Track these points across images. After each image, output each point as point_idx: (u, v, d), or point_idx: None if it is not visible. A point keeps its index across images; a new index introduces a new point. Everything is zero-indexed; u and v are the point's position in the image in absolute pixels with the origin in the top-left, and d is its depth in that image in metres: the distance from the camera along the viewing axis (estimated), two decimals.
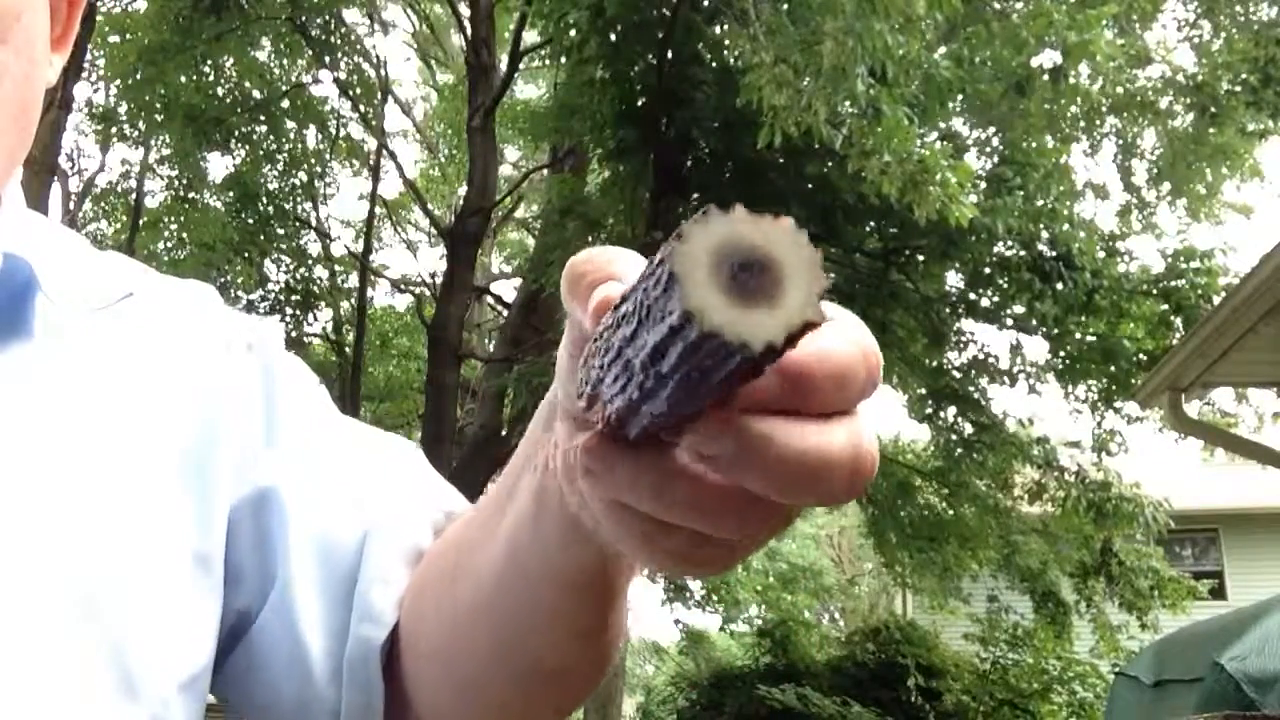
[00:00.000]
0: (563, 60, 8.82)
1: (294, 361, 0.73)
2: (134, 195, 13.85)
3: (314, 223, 13.81)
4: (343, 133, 13.75)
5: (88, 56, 10.71)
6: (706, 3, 7.83)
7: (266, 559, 0.62)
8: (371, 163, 14.09)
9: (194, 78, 11.26)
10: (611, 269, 0.36)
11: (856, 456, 0.31)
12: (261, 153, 12.50)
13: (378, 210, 14.46)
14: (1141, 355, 9.20)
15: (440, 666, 0.60)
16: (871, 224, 9.10)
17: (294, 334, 13.51)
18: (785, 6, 7.02)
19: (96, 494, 0.57)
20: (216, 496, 0.62)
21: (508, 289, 14.96)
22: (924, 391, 10.73)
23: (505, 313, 12.29)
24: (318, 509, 0.63)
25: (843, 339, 0.32)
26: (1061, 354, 9.93)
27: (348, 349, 13.65)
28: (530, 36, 11.08)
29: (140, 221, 13.35)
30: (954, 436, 10.63)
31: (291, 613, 0.61)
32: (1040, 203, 9.01)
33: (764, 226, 0.30)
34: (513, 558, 0.51)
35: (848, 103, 6.50)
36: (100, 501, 0.57)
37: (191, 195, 12.89)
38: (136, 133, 12.75)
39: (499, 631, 0.55)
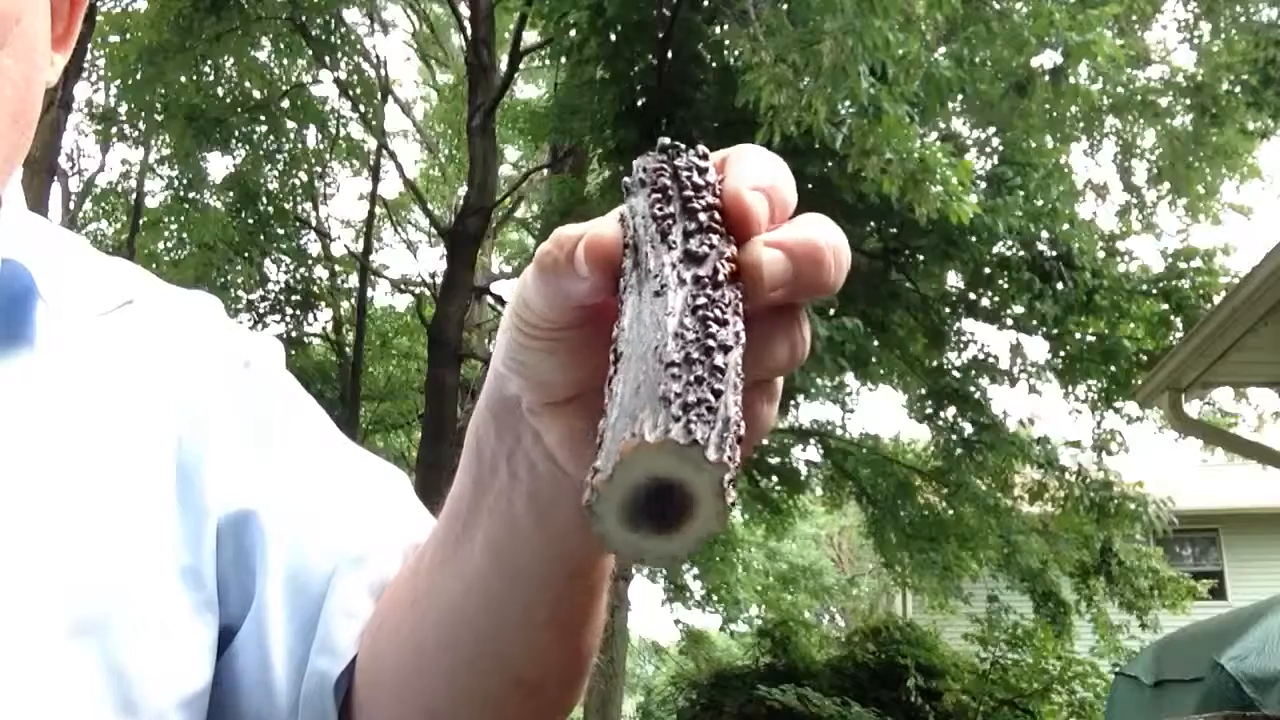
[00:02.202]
0: (563, 60, 8.83)
1: (290, 382, 0.72)
2: (134, 195, 13.85)
3: (314, 223, 13.82)
4: (343, 133, 13.75)
5: (88, 56, 10.71)
6: (706, 3, 7.83)
7: (245, 578, 0.61)
8: (371, 163, 14.09)
9: (194, 78, 11.25)
10: (578, 229, 0.40)
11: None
12: (261, 153, 12.49)
13: (378, 210, 14.46)
14: (1141, 355, 9.20)
15: (404, 696, 0.58)
16: (871, 224, 9.10)
17: (294, 334, 13.51)
18: (785, 6, 7.02)
19: (94, 509, 0.56)
20: (206, 512, 0.61)
21: (508, 289, 14.97)
22: (924, 391, 10.73)
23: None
24: (294, 535, 0.62)
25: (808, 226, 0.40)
26: (1061, 354, 9.94)
27: (348, 349, 13.65)
28: (530, 36, 11.08)
29: (140, 221, 13.35)
30: (954, 436, 10.63)
31: (264, 636, 0.60)
32: (1040, 203, 9.01)
33: (638, 461, 0.33)
34: (499, 566, 0.51)
35: (847, 102, 6.49)
36: (98, 516, 0.56)
37: (191, 195, 12.88)
38: (136, 133, 12.74)
39: (475, 646, 0.55)
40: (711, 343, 0.35)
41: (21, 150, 0.61)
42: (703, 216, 0.38)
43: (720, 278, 0.37)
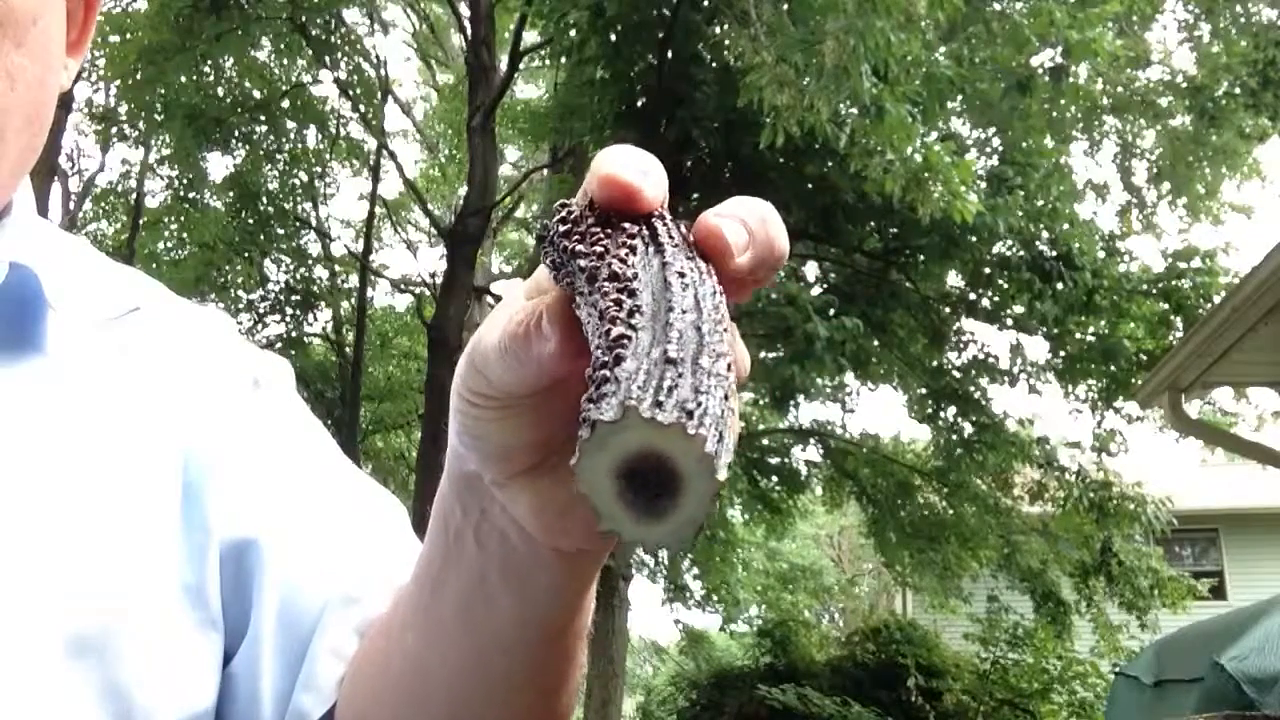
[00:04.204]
0: (563, 60, 8.82)
1: (298, 403, 0.71)
2: (134, 195, 13.84)
3: (314, 223, 13.81)
4: (343, 133, 13.74)
5: (88, 56, 10.69)
6: (706, 3, 7.82)
7: (244, 605, 0.61)
8: (371, 163, 14.09)
9: (194, 78, 11.24)
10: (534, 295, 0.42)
11: None
12: (261, 153, 12.48)
13: (378, 210, 14.45)
14: (1141, 355, 9.20)
15: None
16: (871, 224, 9.10)
17: (294, 334, 13.51)
18: (786, 6, 7.02)
19: (97, 522, 0.55)
20: (210, 532, 0.60)
21: (508, 289, 14.92)
22: (924, 391, 10.73)
23: None
24: (290, 568, 0.61)
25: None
26: (1061, 354, 9.93)
27: (348, 349, 13.64)
28: (530, 36, 11.08)
29: (140, 221, 13.34)
30: (954, 436, 10.63)
31: (255, 666, 0.59)
32: (1040, 203, 9.01)
33: (621, 440, 0.32)
34: (474, 633, 0.50)
35: (848, 102, 6.50)
36: (100, 530, 0.55)
37: (191, 195, 12.87)
38: (136, 133, 12.73)
39: (450, 709, 0.54)
40: (611, 311, 0.35)
41: (34, 152, 0.61)
42: (582, 246, 0.38)
43: (610, 257, 0.37)
